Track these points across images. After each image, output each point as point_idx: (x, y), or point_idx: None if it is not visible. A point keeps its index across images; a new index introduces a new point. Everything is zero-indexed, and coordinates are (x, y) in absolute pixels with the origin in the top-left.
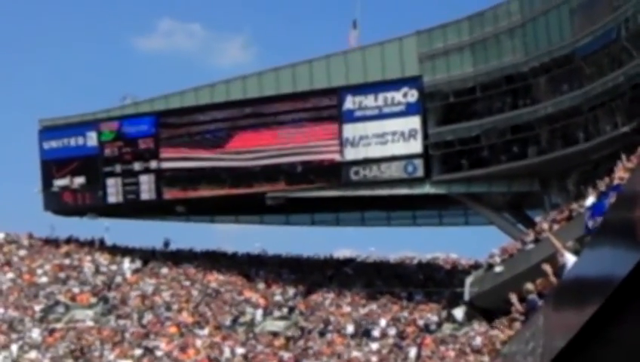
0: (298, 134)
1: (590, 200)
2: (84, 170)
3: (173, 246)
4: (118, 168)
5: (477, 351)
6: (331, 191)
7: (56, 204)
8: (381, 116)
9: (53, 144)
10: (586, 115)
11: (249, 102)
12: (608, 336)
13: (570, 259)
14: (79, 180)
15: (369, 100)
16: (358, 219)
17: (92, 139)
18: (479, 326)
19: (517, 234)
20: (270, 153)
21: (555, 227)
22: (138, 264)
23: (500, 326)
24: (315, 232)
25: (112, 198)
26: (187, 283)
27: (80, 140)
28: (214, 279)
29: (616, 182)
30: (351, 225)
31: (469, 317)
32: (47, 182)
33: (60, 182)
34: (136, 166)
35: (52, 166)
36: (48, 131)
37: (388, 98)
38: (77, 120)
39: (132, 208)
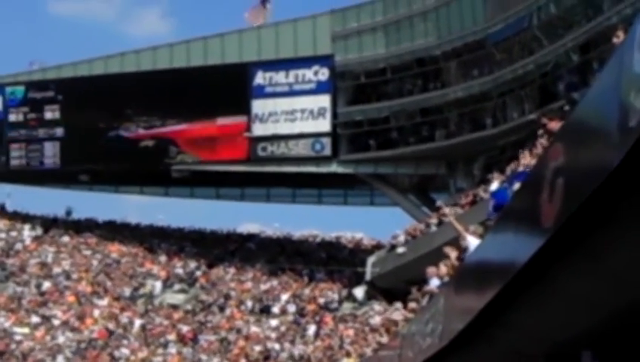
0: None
1: (495, 185)
2: None
3: (75, 215)
4: (22, 134)
5: (375, 331)
6: (238, 166)
7: None
8: (291, 93)
9: None
10: (495, 100)
11: (158, 74)
12: (506, 320)
13: (472, 242)
14: None
15: (280, 77)
16: (263, 194)
17: None
18: (379, 306)
19: (421, 216)
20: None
21: (460, 211)
22: (39, 231)
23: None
24: (220, 206)
25: (15, 164)
26: (88, 252)
27: None
28: (115, 249)
29: (520, 168)
30: (256, 200)
31: (369, 297)
32: None
33: None
34: (41, 133)
35: None
36: None
37: (299, 75)
38: None
39: (35, 175)
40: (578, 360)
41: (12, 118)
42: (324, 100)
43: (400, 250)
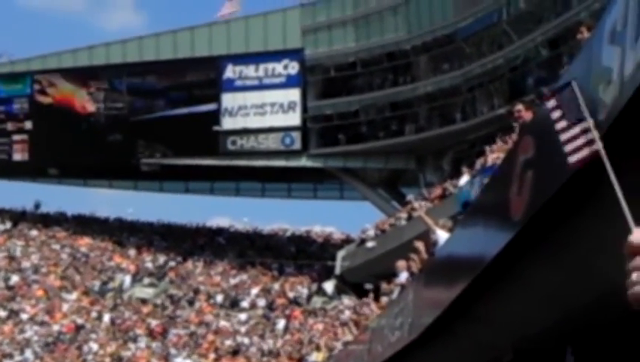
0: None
1: (464, 179)
2: None
3: (44, 209)
4: None
5: (345, 325)
6: (207, 159)
7: None
8: (261, 87)
9: None
10: (464, 95)
11: (128, 67)
12: (475, 314)
13: (441, 236)
14: None
15: (250, 70)
16: (232, 188)
17: None
18: (349, 301)
19: (391, 210)
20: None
21: (429, 205)
22: (7, 225)
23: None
24: (189, 200)
25: None
26: (56, 246)
27: None
28: (84, 243)
29: (490, 163)
30: (226, 194)
31: (339, 291)
32: None
33: None
34: (10, 126)
35: None
36: None
37: (269, 69)
38: None
39: (3, 168)
40: (548, 353)
41: None
42: (294, 94)
43: (369, 244)
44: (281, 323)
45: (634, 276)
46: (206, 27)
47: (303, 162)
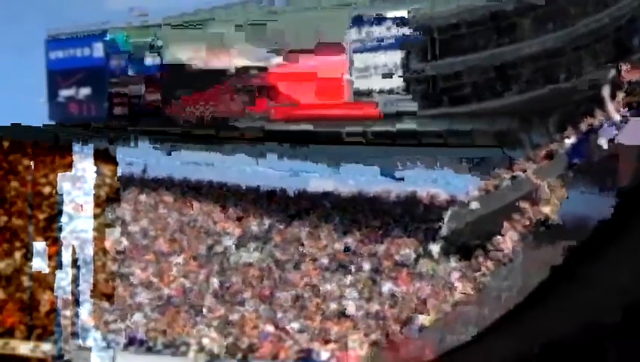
0: None
1: (571, 140)
2: (90, 81)
3: (151, 174)
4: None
5: (452, 287)
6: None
7: (62, 114)
8: (364, 50)
9: (60, 54)
10: (569, 55)
11: None
12: (583, 276)
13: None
14: (85, 91)
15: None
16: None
17: (98, 50)
18: (455, 263)
19: (494, 171)
20: None
21: (534, 166)
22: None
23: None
24: (294, 165)
25: (117, 110)
26: (164, 210)
27: (86, 51)
28: (191, 207)
29: (597, 123)
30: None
31: (446, 253)
32: (52, 93)
33: (65, 93)
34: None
35: (58, 76)
36: (55, 41)
37: (372, 32)
38: (84, 30)
39: None
40: None
41: (113, 64)
42: (397, 56)
43: (473, 205)
44: (387, 286)
45: None
46: None
47: (410, 125)
